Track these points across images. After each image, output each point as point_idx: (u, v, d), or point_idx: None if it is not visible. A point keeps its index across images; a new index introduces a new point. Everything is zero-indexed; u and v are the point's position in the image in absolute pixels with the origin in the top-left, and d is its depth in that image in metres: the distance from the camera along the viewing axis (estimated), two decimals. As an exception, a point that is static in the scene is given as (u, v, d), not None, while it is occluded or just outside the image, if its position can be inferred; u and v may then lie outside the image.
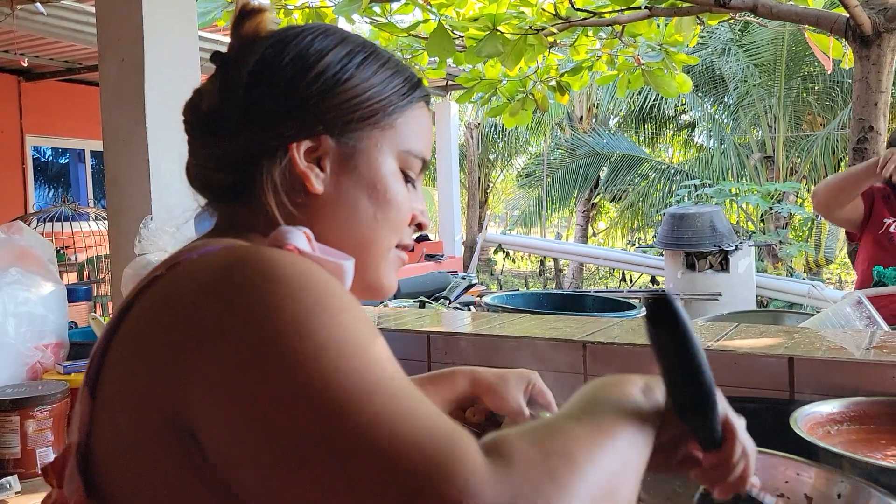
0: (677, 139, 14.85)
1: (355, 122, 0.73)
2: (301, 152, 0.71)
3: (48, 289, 1.67)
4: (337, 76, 0.73)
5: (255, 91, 0.72)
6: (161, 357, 0.56)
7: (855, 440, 1.08)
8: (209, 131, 0.74)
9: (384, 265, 0.78)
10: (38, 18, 5.14)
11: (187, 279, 0.60)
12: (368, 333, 0.56)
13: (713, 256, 6.44)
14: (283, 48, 0.73)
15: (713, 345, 1.33)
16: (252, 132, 0.71)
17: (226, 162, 0.73)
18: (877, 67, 3.32)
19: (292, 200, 0.72)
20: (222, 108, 0.73)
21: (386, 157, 0.75)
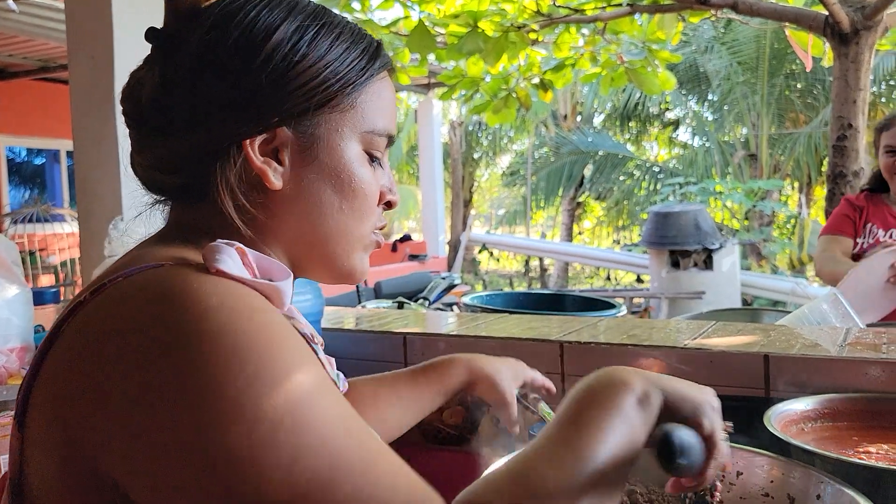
0: (662, 137, 14.92)
1: (313, 109, 0.67)
2: (256, 148, 0.66)
3: (12, 291, 1.63)
4: (289, 58, 0.66)
5: (200, 80, 0.65)
6: (81, 404, 0.53)
7: (828, 437, 1.08)
8: (154, 127, 0.67)
9: (355, 253, 0.74)
10: (11, 16, 5.08)
11: (106, 313, 0.55)
12: (302, 375, 0.52)
13: (697, 255, 6.48)
14: (227, 27, 0.66)
15: (690, 343, 1.32)
16: (201, 129, 0.65)
17: (174, 162, 0.67)
18: (855, 65, 3.34)
19: (251, 200, 0.67)
20: (166, 100, 0.66)
21: (348, 141, 0.70)
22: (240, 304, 0.54)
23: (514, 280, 14.03)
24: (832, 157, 3.59)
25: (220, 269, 0.57)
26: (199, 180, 0.66)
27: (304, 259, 0.72)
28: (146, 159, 0.69)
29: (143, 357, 0.51)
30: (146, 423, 0.50)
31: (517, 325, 1.57)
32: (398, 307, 2.36)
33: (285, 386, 0.51)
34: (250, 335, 0.52)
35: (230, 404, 0.49)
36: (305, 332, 0.63)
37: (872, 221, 2.32)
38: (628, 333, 1.41)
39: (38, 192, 9.05)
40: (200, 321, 0.51)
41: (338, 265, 0.73)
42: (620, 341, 1.34)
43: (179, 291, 0.53)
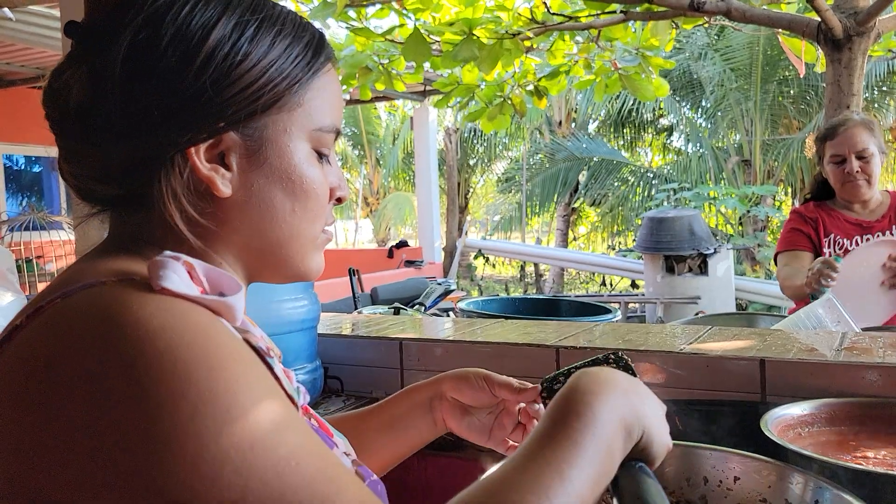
0: (656, 143, 14.97)
1: (259, 111, 0.63)
2: (201, 155, 0.61)
3: (7, 299, 1.63)
4: (230, 58, 0.61)
5: (134, 84, 0.59)
6: (22, 435, 0.49)
7: (825, 442, 1.08)
8: (84, 135, 0.61)
9: (308, 253, 0.71)
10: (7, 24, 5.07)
11: (44, 339, 0.52)
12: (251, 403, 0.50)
13: (692, 260, 6.49)
14: (159, 24, 0.60)
15: (686, 347, 1.32)
16: (139, 136, 0.60)
17: (110, 171, 0.62)
18: (848, 71, 3.35)
19: (198, 209, 0.63)
20: (97, 105, 0.60)
21: (297, 141, 0.66)
22: (183, 327, 0.51)
23: (510, 286, 14.03)
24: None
25: (165, 286, 0.54)
26: (139, 190, 0.62)
27: (257, 264, 0.70)
28: (77, 168, 0.64)
29: (82, 386, 0.48)
30: (84, 456, 0.47)
31: (513, 331, 1.57)
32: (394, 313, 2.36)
33: (232, 417, 0.48)
34: (194, 362, 0.49)
35: (171, 438, 0.46)
36: (260, 346, 0.60)
37: (833, 232, 2.28)
38: (624, 338, 1.42)
39: (35, 200, 9.02)
40: (139, 347, 0.49)
41: (292, 268, 0.71)
42: (616, 346, 1.35)
43: (118, 313, 0.50)
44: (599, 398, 0.62)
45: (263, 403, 0.50)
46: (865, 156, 2.20)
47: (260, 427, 0.49)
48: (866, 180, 2.21)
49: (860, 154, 2.20)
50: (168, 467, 0.46)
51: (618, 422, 0.62)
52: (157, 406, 0.47)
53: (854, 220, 2.28)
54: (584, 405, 0.62)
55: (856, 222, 2.28)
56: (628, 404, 0.64)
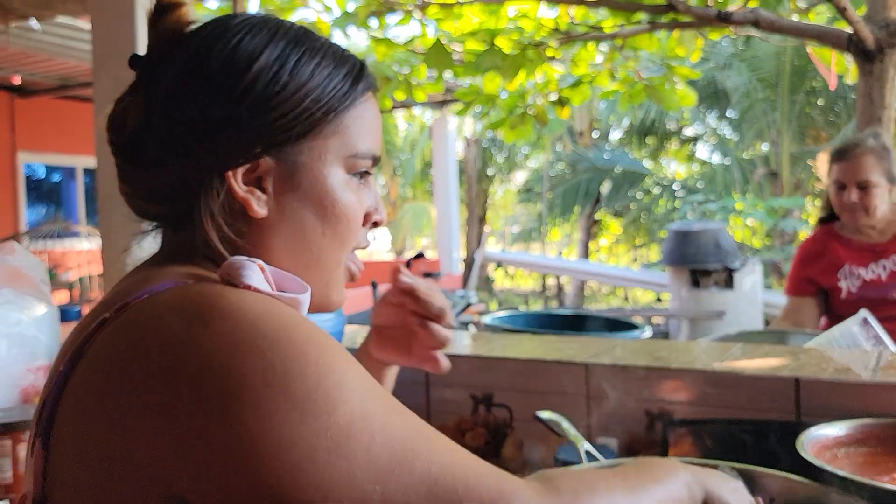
0: (680, 154, 14.87)
1: (294, 138, 0.67)
2: (239, 178, 0.66)
3: (41, 310, 1.65)
4: (270, 88, 0.65)
5: (181, 110, 0.65)
6: (134, 420, 0.53)
7: (862, 463, 1.05)
8: (135, 157, 0.67)
9: (333, 280, 0.74)
10: (33, 35, 5.16)
11: (142, 331, 0.56)
12: (357, 370, 0.56)
13: (718, 274, 6.40)
14: (207, 55, 0.66)
15: (718, 366, 1.30)
16: (182, 162, 0.65)
17: (156, 193, 0.67)
18: (880, 83, 3.30)
19: (234, 229, 0.67)
20: (147, 131, 0.66)
21: (331, 167, 0.70)
22: (284, 313, 0.56)
23: (530, 298, 13.98)
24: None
25: (248, 283, 0.58)
26: (181, 210, 0.67)
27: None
28: (131, 188, 0.69)
29: (203, 369, 0.52)
30: (220, 431, 0.51)
31: (540, 346, 1.56)
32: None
33: (350, 379, 0.54)
34: (305, 341, 0.54)
35: (307, 401, 0.51)
36: None
37: (847, 262, 2.21)
38: (654, 356, 1.39)
39: (54, 209, 9.16)
40: (255, 330, 0.53)
41: (317, 292, 0.72)
42: (647, 364, 1.32)
43: (224, 306, 0.55)
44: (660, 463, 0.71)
45: (364, 372, 0.57)
46: (867, 186, 2.11)
47: (372, 387, 0.56)
48: (864, 211, 2.12)
49: (861, 184, 2.12)
50: (309, 424, 0.51)
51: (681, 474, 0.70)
52: (289, 374, 0.52)
53: (866, 244, 2.20)
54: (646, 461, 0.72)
55: (868, 248, 2.20)
56: (682, 466, 0.72)
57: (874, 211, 2.13)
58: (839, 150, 2.20)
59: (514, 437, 1.41)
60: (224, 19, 0.69)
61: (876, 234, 2.21)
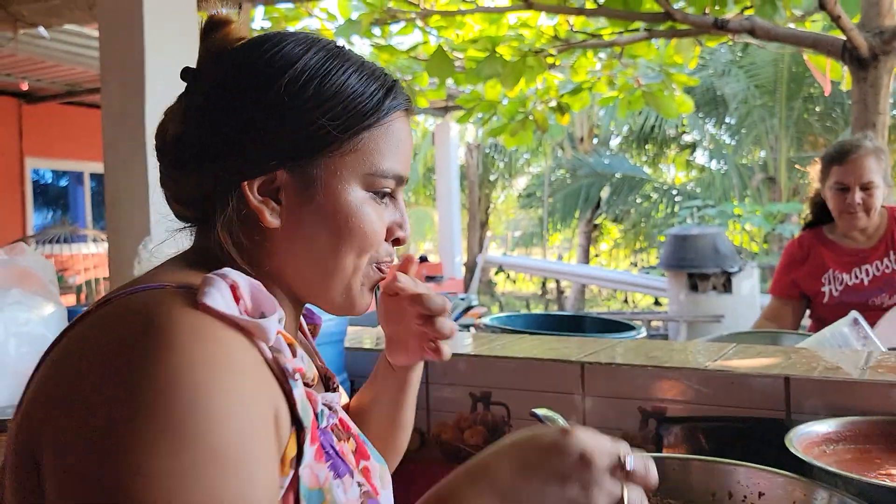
0: (679, 160, 14.90)
1: (309, 154, 0.69)
2: (255, 189, 0.68)
3: (49, 310, 1.67)
4: (290, 102, 0.67)
5: (211, 118, 0.69)
6: (41, 408, 0.57)
7: (850, 459, 1.08)
8: (171, 162, 0.72)
9: (354, 286, 0.74)
10: (41, 42, 5.19)
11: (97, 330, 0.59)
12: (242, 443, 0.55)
13: (716, 278, 6.43)
14: (241, 66, 0.69)
15: (711, 365, 1.33)
16: (206, 169, 0.69)
17: (187, 197, 0.72)
18: (874, 90, 3.34)
19: (248, 237, 0.70)
20: (183, 138, 0.70)
21: (347, 184, 0.70)
22: (203, 355, 0.56)
23: (531, 302, 13.99)
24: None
25: (205, 303, 0.59)
26: (204, 214, 0.71)
27: (305, 292, 0.75)
28: (169, 191, 0.74)
29: (99, 371, 0.55)
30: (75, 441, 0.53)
31: (537, 346, 1.59)
32: (418, 328, 2.37)
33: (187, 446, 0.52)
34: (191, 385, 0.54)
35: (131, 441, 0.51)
36: (287, 367, 0.63)
37: (832, 267, 2.24)
38: (648, 355, 1.42)
39: (61, 214, 9.18)
40: (158, 364, 0.54)
41: (336, 299, 0.74)
42: (641, 363, 1.35)
43: (157, 323, 0.56)
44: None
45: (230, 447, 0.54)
46: (870, 188, 2.14)
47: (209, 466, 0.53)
48: (866, 212, 2.15)
49: (865, 186, 2.14)
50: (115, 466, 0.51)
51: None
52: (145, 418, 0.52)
53: (852, 249, 2.23)
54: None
55: (854, 252, 2.22)
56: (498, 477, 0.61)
57: (874, 212, 2.17)
58: (838, 153, 2.20)
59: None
60: (265, 35, 0.72)
61: (864, 240, 2.23)
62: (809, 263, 2.29)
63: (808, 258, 2.30)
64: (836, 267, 2.24)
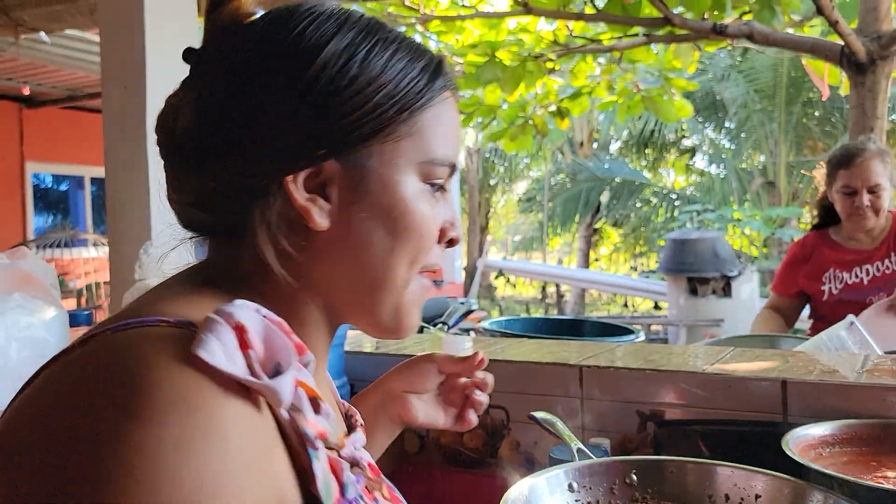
0: (678, 164, 14.92)
1: (363, 139, 0.58)
2: (300, 184, 0.57)
3: (50, 313, 1.68)
4: (336, 82, 0.57)
5: (236, 108, 0.57)
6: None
7: (846, 462, 1.08)
8: (187, 159, 0.59)
9: (403, 304, 0.64)
10: (42, 47, 5.20)
11: (65, 378, 0.48)
12: None
13: (716, 282, 6.45)
14: (266, 45, 0.58)
15: (708, 368, 1.34)
16: (237, 162, 0.57)
17: (207, 200, 0.59)
18: (872, 94, 3.35)
19: (292, 242, 0.58)
20: (200, 128, 0.58)
21: (404, 174, 0.60)
22: (180, 431, 0.44)
23: (531, 306, 14.00)
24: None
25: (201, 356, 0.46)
26: (234, 218, 0.59)
27: (346, 309, 0.64)
28: (178, 194, 0.62)
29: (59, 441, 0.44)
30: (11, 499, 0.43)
31: (536, 350, 1.59)
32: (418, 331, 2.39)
33: None
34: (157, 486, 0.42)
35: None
36: (308, 433, 0.51)
37: (832, 266, 2.28)
38: (646, 358, 1.43)
39: (62, 218, 9.19)
40: (124, 437, 0.42)
41: (384, 317, 0.64)
42: (639, 366, 1.36)
43: (134, 384, 0.45)
44: None
45: None
46: (877, 190, 2.18)
47: None
48: (874, 214, 2.19)
49: (872, 188, 2.18)
50: None
51: None
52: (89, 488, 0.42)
53: (856, 250, 2.27)
54: None
55: (857, 253, 2.26)
56: None
57: (883, 213, 2.21)
58: (843, 157, 2.24)
59: (510, 438, 1.44)
60: (285, 8, 0.61)
61: (868, 241, 2.27)
62: (811, 263, 2.33)
63: (811, 258, 2.34)
64: (838, 266, 2.28)
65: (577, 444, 1.06)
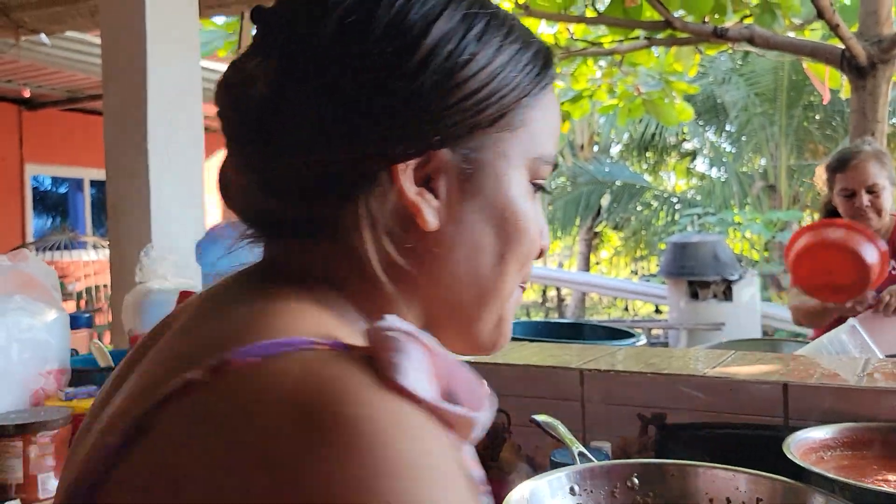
0: (679, 167, 14.93)
1: (482, 126, 0.51)
2: (410, 175, 0.49)
3: (51, 315, 1.68)
4: (453, 58, 0.49)
5: (336, 81, 0.48)
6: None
7: (848, 465, 1.08)
8: (265, 138, 0.50)
9: (506, 315, 0.57)
10: (42, 49, 5.20)
11: (245, 418, 0.39)
12: None
13: (716, 285, 6.45)
14: (371, 10, 0.49)
15: (710, 372, 1.34)
16: (336, 146, 0.48)
17: (288, 188, 0.50)
18: (872, 98, 3.36)
19: (398, 245, 0.50)
20: (286, 103, 0.48)
21: (515, 169, 0.53)
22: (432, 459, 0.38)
23: (531, 310, 14.00)
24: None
25: (400, 384, 0.40)
26: (322, 212, 0.50)
27: (445, 321, 0.55)
28: (246, 175, 0.52)
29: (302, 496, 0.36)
30: None
31: (537, 353, 1.59)
32: (418, 335, 2.38)
33: None
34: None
35: None
36: (475, 477, 0.46)
37: None
38: (647, 362, 1.43)
39: (61, 221, 9.19)
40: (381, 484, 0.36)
41: (484, 333, 0.56)
42: (640, 369, 1.36)
43: (349, 426, 0.37)
44: None
45: None
46: (875, 190, 2.20)
47: None
48: (876, 213, 2.21)
49: (870, 188, 2.21)
50: None
51: None
52: None
53: None
54: None
55: None
56: None
57: (885, 213, 2.23)
58: (839, 160, 2.28)
59: (511, 441, 1.44)
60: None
61: None
62: None
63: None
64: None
65: (578, 448, 1.06)
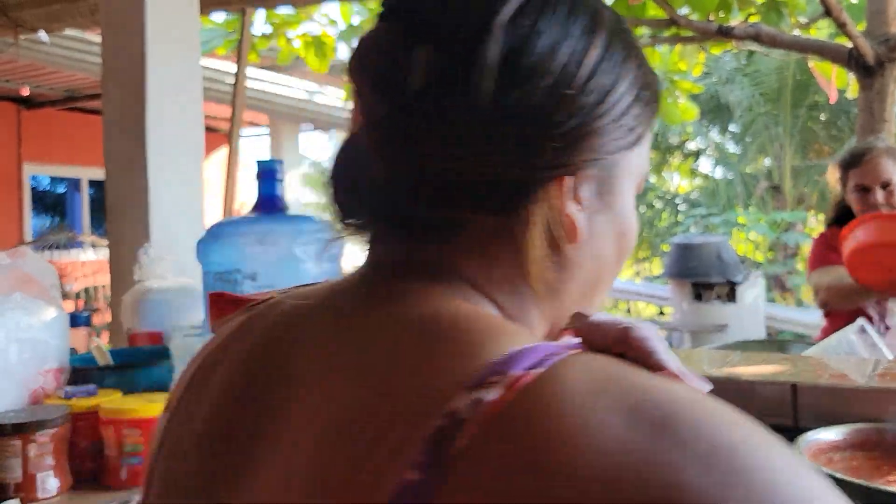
0: (683, 168, 14.90)
1: (630, 145, 0.52)
2: (571, 187, 0.49)
3: (51, 314, 1.67)
4: (608, 76, 0.49)
5: (519, 81, 0.46)
6: None
7: (857, 467, 1.07)
8: (425, 126, 0.46)
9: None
10: (41, 48, 5.20)
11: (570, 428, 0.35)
12: None
13: (720, 287, 6.42)
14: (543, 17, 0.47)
15: (717, 372, 1.32)
16: (515, 150, 0.46)
17: (448, 188, 0.47)
18: (880, 97, 3.33)
19: (551, 254, 0.50)
20: (456, 95, 0.46)
21: (630, 184, 0.55)
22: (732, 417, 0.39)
23: (535, 310, 13.99)
24: (857, 189, 3.56)
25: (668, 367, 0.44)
26: (482, 219, 0.49)
27: (557, 322, 0.55)
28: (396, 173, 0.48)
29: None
30: None
31: (541, 353, 1.57)
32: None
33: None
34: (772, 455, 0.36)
35: None
36: None
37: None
38: (653, 362, 1.41)
39: (59, 220, 9.20)
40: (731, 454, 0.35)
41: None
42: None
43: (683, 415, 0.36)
44: None
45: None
46: (890, 186, 2.19)
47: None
48: (890, 209, 2.19)
49: (885, 184, 2.19)
50: None
51: None
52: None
53: None
54: None
55: None
56: None
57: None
58: (853, 157, 2.26)
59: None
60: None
61: None
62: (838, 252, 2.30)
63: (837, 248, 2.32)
64: None
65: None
